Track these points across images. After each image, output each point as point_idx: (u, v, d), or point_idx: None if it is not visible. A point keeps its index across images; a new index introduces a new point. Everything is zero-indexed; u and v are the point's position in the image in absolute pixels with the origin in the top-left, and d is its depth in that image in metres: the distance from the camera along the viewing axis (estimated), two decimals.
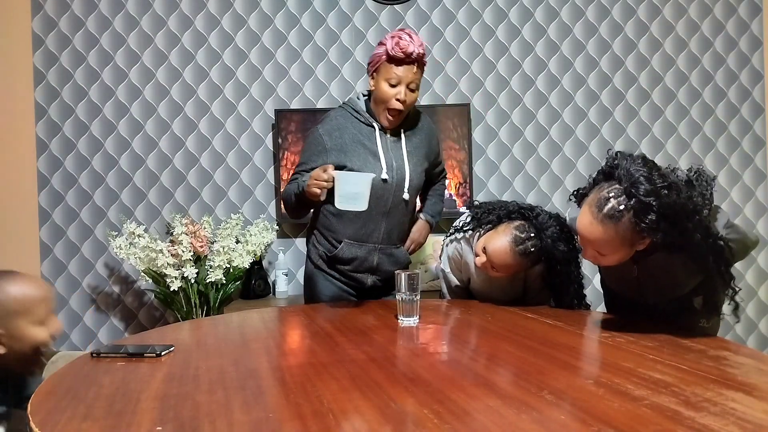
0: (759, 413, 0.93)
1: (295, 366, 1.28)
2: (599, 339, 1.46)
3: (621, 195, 1.36)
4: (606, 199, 1.37)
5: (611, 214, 1.36)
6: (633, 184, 1.33)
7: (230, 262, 2.76)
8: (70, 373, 1.28)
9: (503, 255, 1.77)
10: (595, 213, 1.38)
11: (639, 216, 1.33)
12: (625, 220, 1.35)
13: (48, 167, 3.07)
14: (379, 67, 1.89)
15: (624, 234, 1.37)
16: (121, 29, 3.08)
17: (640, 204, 1.32)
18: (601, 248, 1.44)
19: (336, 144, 1.93)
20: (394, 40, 1.85)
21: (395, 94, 1.88)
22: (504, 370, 1.22)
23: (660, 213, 1.31)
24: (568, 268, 1.81)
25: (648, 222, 1.32)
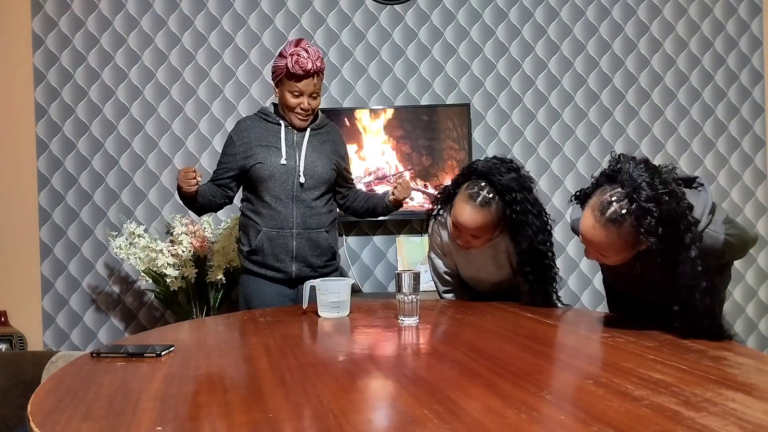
0: (759, 413, 0.93)
1: (295, 366, 1.28)
2: (599, 339, 1.46)
3: (623, 199, 1.38)
4: (608, 203, 1.40)
5: (613, 218, 1.39)
6: (635, 189, 1.36)
7: (230, 262, 2.76)
8: (70, 373, 1.28)
9: (465, 215, 1.79)
10: (597, 216, 1.41)
11: (640, 221, 1.35)
12: (627, 224, 1.38)
13: (48, 167, 3.07)
14: (282, 79, 2.12)
15: (626, 237, 1.40)
16: (121, 29, 3.08)
17: (641, 209, 1.34)
18: (603, 250, 1.46)
19: (243, 142, 2.18)
20: (293, 58, 2.06)
21: (299, 104, 2.13)
22: (504, 370, 1.22)
23: (660, 219, 1.34)
24: (524, 215, 1.79)
25: (648, 227, 1.35)
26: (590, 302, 3.17)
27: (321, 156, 2.21)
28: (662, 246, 1.37)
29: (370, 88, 3.14)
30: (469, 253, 1.95)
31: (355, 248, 3.15)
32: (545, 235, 1.83)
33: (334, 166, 2.24)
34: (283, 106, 2.17)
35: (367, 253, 3.15)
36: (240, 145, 2.19)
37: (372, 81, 3.14)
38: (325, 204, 2.23)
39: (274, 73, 2.16)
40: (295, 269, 2.17)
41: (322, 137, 2.25)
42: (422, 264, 2.94)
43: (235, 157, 2.19)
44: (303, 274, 2.17)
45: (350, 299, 1.83)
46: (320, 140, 2.23)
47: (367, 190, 3.02)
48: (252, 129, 2.21)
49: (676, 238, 1.36)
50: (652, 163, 1.43)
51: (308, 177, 2.16)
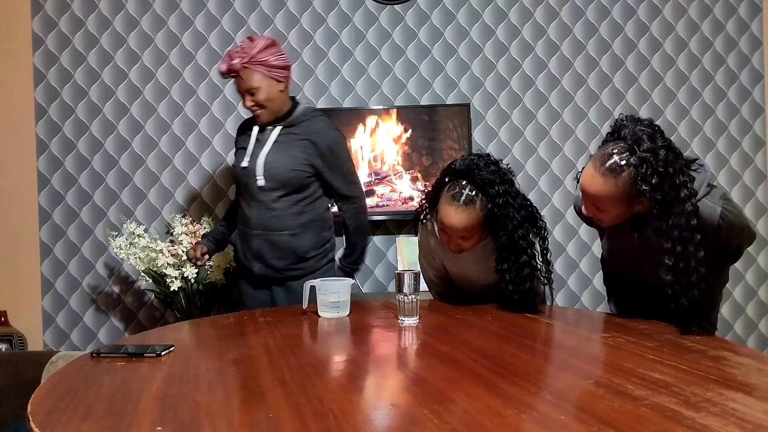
0: (759, 413, 0.93)
1: (295, 366, 1.28)
2: (599, 339, 1.46)
3: (624, 152, 1.43)
4: (609, 154, 1.44)
5: (612, 168, 1.43)
6: (636, 141, 1.41)
7: (230, 262, 2.76)
8: (70, 373, 1.28)
9: (451, 217, 1.74)
10: (597, 166, 1.45)
11: (638, 170, 1.40)
12: (625, 174, 1.42)
13: (48, 167, 3.07)
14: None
15: (623, 188, 1.43)
16: (121, 29, 3.08)
17: (641, 160, 1.39)
18: (600, 202, 1.49)
19: (236, 142, 2.30)
20: (221, 61, 2.14)
21: (244, 101, 2.15)
22: (504, 370, 1.22)
23: (658, 170, 1.38)
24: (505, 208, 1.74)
25: (645, 175, 1.39)
26: (590, 302, 3.17)
27: (283, 156, 2.13)
28: (658, 196, 1.40)
29: (370, 88, 3.14)
30: (458, 257, 1.91)
31: None
32: (525, 230, 1.75)
33: (298, 167, 2.12)
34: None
35: (367, 253, 3.15)
36: (235, 145, 2.32)
37: (372, 81, 3.14)
38: (292, 205, 2.15)
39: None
40: (257, 269, 2.19)
41: (295, 135, 2.16)
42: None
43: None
44: (266, 275, 2.19)
45: (350, 299, 1.83)
46: (291, 138, 2.16)
47: (366, 189, 3.03)
48: (241, 130, 2.30)
49: (672, 190, 1.40)
50: (657, 125, 1.47)
51: (267, 179, 2.13)
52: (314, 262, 2.20)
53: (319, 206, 2.22)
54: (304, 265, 2.18)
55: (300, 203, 2.17)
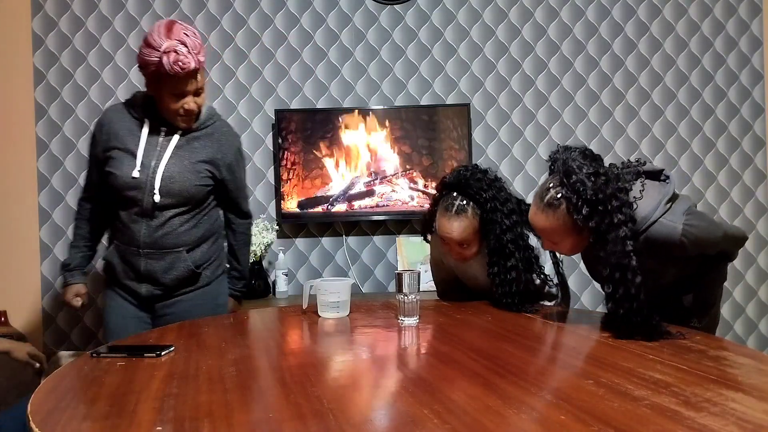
0: (759, 413, 0.93)
1: (295, 366, 1.28)
2: (599, 339, 1.46)
3: (558, 185, 1.46)
4: (547, 189, 1.49)
5: (550, 203, 1.47)
6: (566, 173, 1.44)
7: None
8: (70, 373, 1.28)
9: (446, 228, 1.83)
10: (537, 203, 1.51)
11: (570, 201, 1.43)
12: (563, 208, 1.45)
13: (48, 167, 3.07)
14: (157, 77, 1.75)
15: (564, 221, 1.46)
16: (121, 29, 3.08)
17: (571, 191, 1.42)
18: (550, 236, 1.53)
19: (105, 138, 1.89)
20: (170, 56, 1.69)
21: (183, 104, 1.80)
22: (504, 370, 1.22)
23: (588, 200, 1.41)
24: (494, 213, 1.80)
25: (577, 207, 1.42)
26: (590, 302, 3.17)
27: (186, 169, 1.87)
28: (592, 224, 1.42)
29: (370, 88, 3.14)
30: (464, 264, 1.97)
31: (355, 248, 3.15)
32: (515, 234, 1.80)
33: (202, 182, 1.90)
34: (162, 108, 1.83)
35: (367, 253, 3.15)
36: (102, 141, 1.88)
37: (372, 81, 3.14)
38: (189, 220, 1.91)
39: (142, 68, 1.78)
40: (145, 290, 1.92)
41: (198, 142, 1.90)
42: (422, 264, 2.94)
43: (97, 156, 1.89)
44: (155, 295, 1.93)
45: (350, 299, 1.83)
46: (194, 146, 1.90)
47: (367, 189, 3.03)
48: (114, 122, 1.88)
49: (605, 217, 1.41)
50: (589, 150, 1.50)
51: (164, 195, 1.85)
52: (209, 273, 2.00)
53: (213, 215, 2.01)
54: (199, 279, 1.97)
55: (196, 216, 1.94)
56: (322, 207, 3.03)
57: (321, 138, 3.01)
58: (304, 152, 3.01)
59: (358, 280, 3.13)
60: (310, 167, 3.02)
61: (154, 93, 1.81)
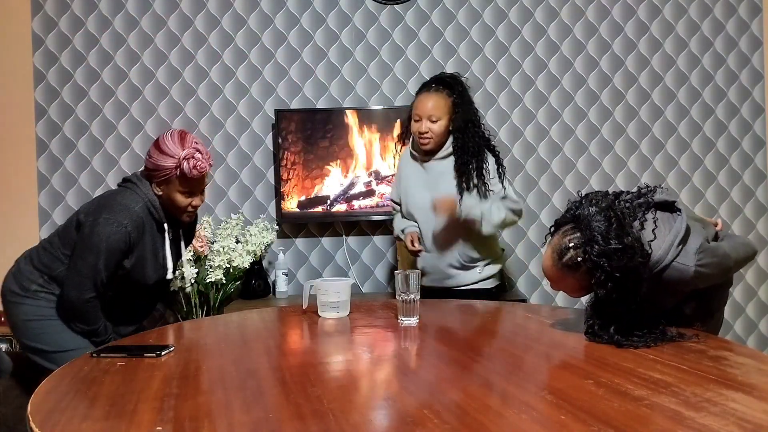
0: (759, 413, 0.93)
1: (295, 366, 1.28)
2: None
3: (579, 247, 1.42)
4: (567, 248, 1.44)
5: (569, 264, 1.43)
6: (589, 241, 1.40)
7: (230, 262, 2.76)
8: (70, 373, 1.28)
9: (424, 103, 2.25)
10: (555, 260, 1.46)
11: (591, 273, 1.40)
12: (582, 271, 1.42)
13: (48, 167, 3.07)
14: (170, 179, 1.87)
15: (581, 282, 1.45)
16: (121, 29, 3.08)
17: (593, 263, 1.39)
18: (561, 288, 1.52)
19: (135, 244, 1.87)
20: (190, 162, 1.83)
21: (191, 202, 1.92)
22: (504, 370, 1.22)
23: (609, 273, 1.38)
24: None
25: (598, 280, 1.39)
26: None
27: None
28: (610, 297, 1.40)
29: (370, 88, 3.14)
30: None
31: (355, 248, 3.15)
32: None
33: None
34: (170, 206, 1.92)
35: (367, 253, 3.15)
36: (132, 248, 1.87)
37: (372, 81, 3.14)
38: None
39: (156, 171, 1.86)
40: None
41: (189, 233, 2.16)
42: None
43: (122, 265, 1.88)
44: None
45: (350, 299, 1.83)
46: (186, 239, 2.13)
47: (366, 189, 3.03)
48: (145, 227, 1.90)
49: (622, 291, 1.40)
50: (613, 207, 1.44)
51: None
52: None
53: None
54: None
55: None
56: (322, 207, 3.03)
57: (321, 138, 3.01)
58: (304, 152, 3.01)
59: (358, 280, 3.13)
60: (310, 167, 3.02)
61: (167, 194, 1.90)
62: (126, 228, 1.81)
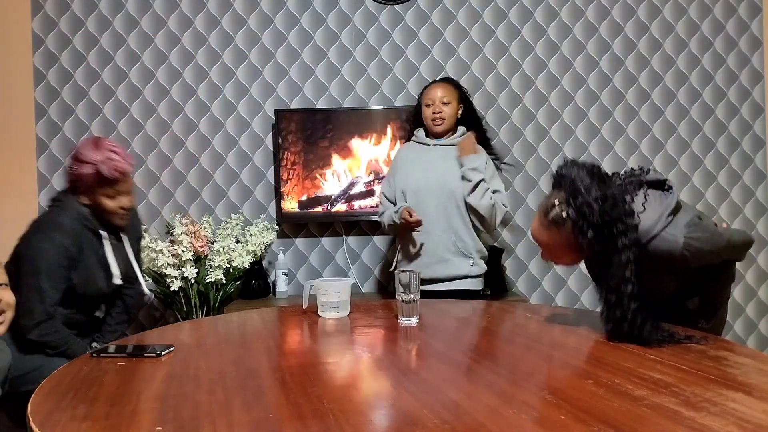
0: (759, 413, 0.93)
1: (295, 366, 1.28)
2: (599, 339, 1.46)
3: (564, 202, 1.44)
4: (552, 206, 1.47)
5: (555, 220, 1.45)
6: (573, 193, 1.43)
7: (230, 262, 2.76)
8: (70, 373, 1.28)
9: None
10: (542, 218, 1.49)
11: (576, 224, 1.42)
12: (567, 226, 1.44)
13: (48, 167, 3.07)
14: (92, 186, 1.89)
15: (567, 239, 1.45)
16: (121, 29, 3.08)
17: (577, 213, 1.41)
18: (551, 251, 1.52)
19: (75, 258, 1.90)
20: (107, 164, 1.85)
21: (120, 205, 1.94)
22: (504, 370, 1.22)
23: (593, 224, 1.40)
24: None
25: (582, 230, 1.41)
26: (590, 302, 3.17)
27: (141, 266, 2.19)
28: (597, 248, 1.41)
29: (370, 88, 3.14)
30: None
31: (355, 248, 3.15)
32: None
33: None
34: (99, 211, 1.94)
35: (367, 253, 3.15)
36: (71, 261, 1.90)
37: (372, 81, 3.14)
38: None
39: (78, 182, 1.90)
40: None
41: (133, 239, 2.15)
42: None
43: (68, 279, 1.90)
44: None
45: (350, 299, 1.83)
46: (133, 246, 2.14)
47: (366, 189, 3.03)
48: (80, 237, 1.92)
49: (608, 242, 1.40)
50: (597, 168, 1.48)
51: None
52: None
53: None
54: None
55: None
56: (322, 207, 3.03)
57: (321, 138, 3.01)
58: (304, 152, 3.01)
59: (358, 280, 3.13)
60: (310, 167, 3.02)
61: (94, 202, 1.93)
62: (61, 242, 1.85)
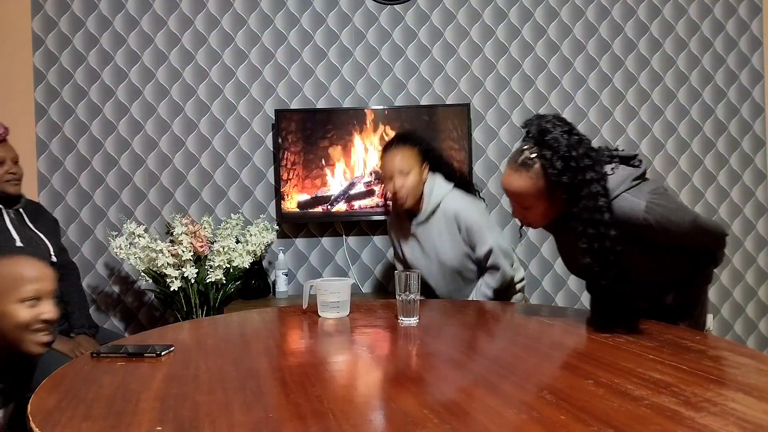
0: (759, 413, 0.93)
1: (295, 366, 1.28)
2: (599, 339, 1.46)
3: (533, 146, 1.49)
4: (520, 150, 1.52)
5: (524, 162, 1.50)
6: (541, 132, 1.48)
7: (230, 262, 2.76)
8: (70, 373, 1.28)
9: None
10: (511, 165, 1.53)
11: (545, 158, 1.46)
12: (537, 166, 1.48)
13: (48, 167, 3.07)
14: None
15: (538, 181, 1.49)
16: (121, 29, 3.08)
17: (546, 148, 1.46)
18: (522, 200, 1.54)
19: None
20: None
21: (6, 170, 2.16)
22: (504, 370, 1.22)
23: (563, 156, 1.44)
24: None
25: (552, 162, 1.44)
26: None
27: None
28: (566, 179, 1.44)
29: (370, 88, 3.14)
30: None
31: (355, 248, 3.15)
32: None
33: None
34: None
35: (367, 253, 3.15)
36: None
37: (372, 81, 3.14)
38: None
39: None
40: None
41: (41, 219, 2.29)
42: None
43: None
44: None
45: (350, 299, 1.83)
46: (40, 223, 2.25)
47: (366, 189, 3.03)
48: None
49: (578, 173, 1.44)
50: (563, 117, 1.54)
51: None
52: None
53: None
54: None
55: None
56: (322, 207, 3.03)
57: (321, 138, 3.01)
58: (304, 152, 3.01)
59: (358, 280, 3.13)
60: (310, 167, 3.02)
61: None
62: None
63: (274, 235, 2.96)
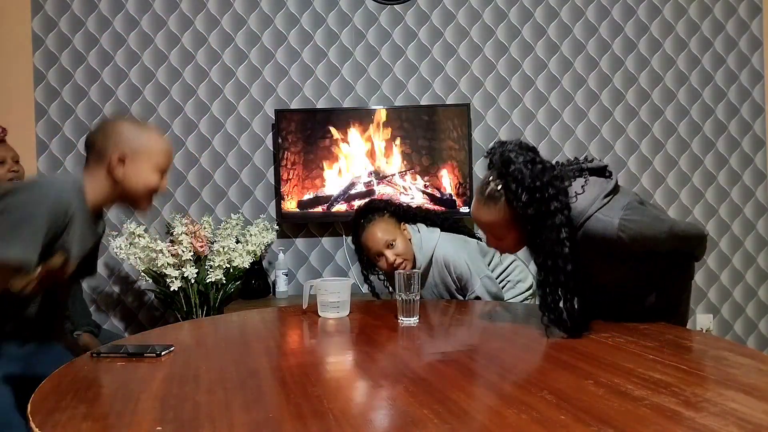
0: (759, 413, 0.93)
1: (295, 366, 1.28)
2: (599, 339, 1.46)
3: (497, 178, 1.47)
4: (486, 183, 1.49)
5: (491, 195, 1.47)
6: (504, 163, 1.45)
7: (230, 262, 2.76)
8: (70, 373, 1.28)
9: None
10: (479, 197, 1.50)
11: (509, 191, 1.43)
12: (503, 200, 1.45)
13: (48, 167, 3.07)
14: None
15: (506, 213, 1.46)
16: (121, 29, 3.08)
17: (510, 180, 1.43)
18: (493, 231, 1.52)
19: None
20: None
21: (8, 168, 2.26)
22: (504, 370, 1.22)
23: (526, 187, 1.41)
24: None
25: (517, 194, 1.42)
26: None
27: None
28: (531, 211, 1.42)
29: (370, 88, 3.14)
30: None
31: None
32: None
33: None
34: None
35: None
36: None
37: (372, 81, 3.14)
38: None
39: None
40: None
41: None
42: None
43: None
44: None
45: (350, 299, 1.83)
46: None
47: (367, 189, 3.03)
48: None
49: (542, 205, 1.42)
50: (525, 141, 1.51)
51: None
52: None
53: None
54: None
55: None
56: (322, 207, 3.03)
57: (321, 138, 3.01)
58: (304, 152, 3.01)
59: (358, 280, 3.13)
60: (310, 167, 3.02)
61: None
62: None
63: (274, 235, 2.96)
